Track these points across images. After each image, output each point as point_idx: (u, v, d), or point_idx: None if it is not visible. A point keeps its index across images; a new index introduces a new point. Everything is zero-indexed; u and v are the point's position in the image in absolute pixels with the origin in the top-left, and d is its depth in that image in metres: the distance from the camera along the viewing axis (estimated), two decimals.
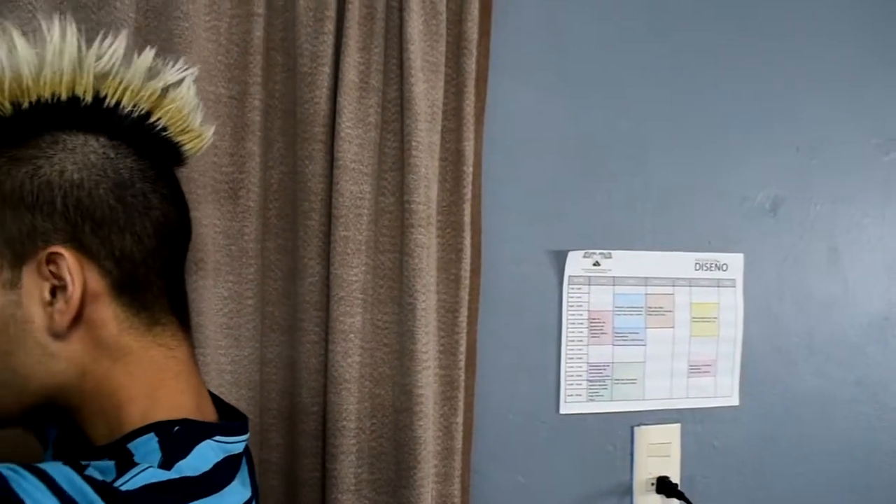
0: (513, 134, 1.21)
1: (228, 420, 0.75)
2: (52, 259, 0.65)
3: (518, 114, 1.22)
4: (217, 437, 0.69)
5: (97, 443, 0.69)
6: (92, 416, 0.69)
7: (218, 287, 1.05)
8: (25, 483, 0.57)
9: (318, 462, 1.08)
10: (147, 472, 0.61)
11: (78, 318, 0.66)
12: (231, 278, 1.06)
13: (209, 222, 1.04)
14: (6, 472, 0.58)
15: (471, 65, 1.12)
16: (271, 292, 1.08)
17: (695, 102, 1.34)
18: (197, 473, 0.65)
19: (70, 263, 0.65)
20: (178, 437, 0.66)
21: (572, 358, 1.25)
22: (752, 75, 1.37)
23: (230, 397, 1.04)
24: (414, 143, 1.07)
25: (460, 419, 1.12)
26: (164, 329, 0.71)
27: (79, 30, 0.71)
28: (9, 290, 0.66)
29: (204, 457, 0.67)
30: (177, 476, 0.63)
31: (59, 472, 0.59)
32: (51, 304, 0.66)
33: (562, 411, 1.25)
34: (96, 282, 0.67)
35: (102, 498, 0.58)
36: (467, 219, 1.12)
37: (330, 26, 1.06)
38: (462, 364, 1.12)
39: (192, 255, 1.01)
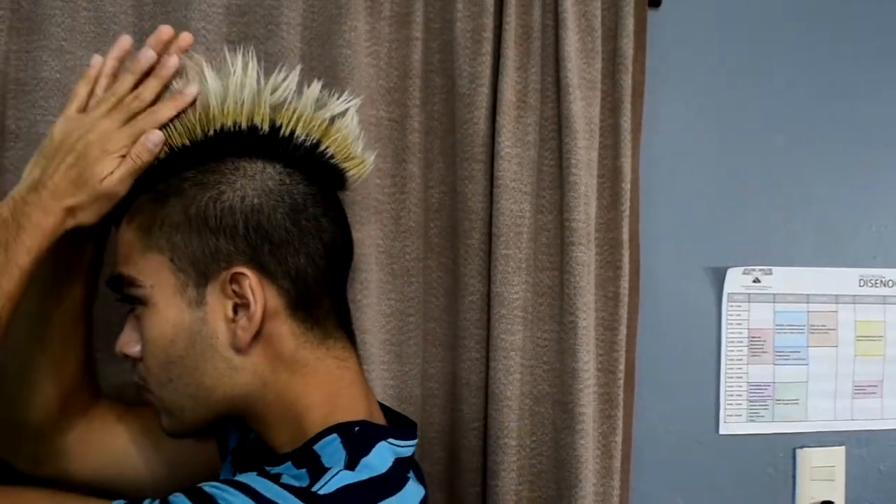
0: (669, 149, 1.19)
1: (398, 426, 0.77)
2: (235, 278, 0.70)
3: (674, 129, 1.20)
4: (390, 440, 0.72)
5: (280, 448, 0.73)
6: (275, 423, 0.73)
7: (381, 304, 1.08)
8: (231, 497, 0.61)
9: (478, 477, 1.09)
10: (340, 476, 0.65)
11: (258, 334, 0.71)
12: (394, 296, 1.09)
13: (372, 242, 1.07)
14: (212, 490, 0.62)
15: (627, 81, 1.12)
16: (433, 309, 1.10)
17: (854, 114, 1.29)
18: (379, 472, 0.69)
19: (252, 282, 0.70)
20: (359, 437, 0.70)
21: (732, 377, 1.22)
22: None
23: None
24: (573, 161, 1.07)
25: (619, 438, 1.11)
26: (336, 342, 0.75)
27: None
28: (195, 307, 0.71)
29: (382, 456, 0.70)
30: (366, 476, 0.67)
31: (259, 483, 0.63)
32: (234, 320, 0.71)
33: (721, 431, 1.22)
34: (274, 300, 0.71)
35: (303, 501, 0.61)
36: (625, 236, 1.11)
37: (487, 47, 1.07)
38: (621, 382, 1.11)
39: (356, 274, 1.03)
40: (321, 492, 0.63)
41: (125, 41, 0.81)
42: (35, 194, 0.71)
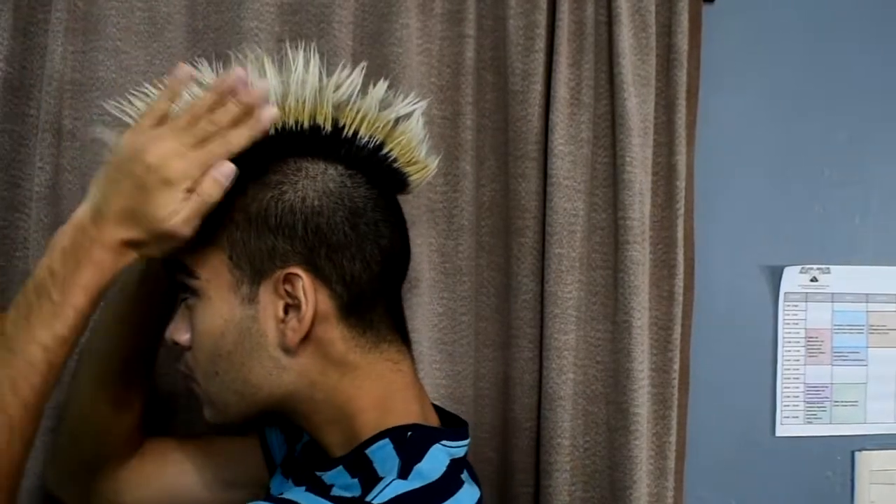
0: (724, 147, 1.17)
1: (449, 426, 0.77)
2: (288, 279, 0.69)
3: (730, 126, 1.18)
4: (444, 442, 0.71)
5: (332, 449, 0.72)
6: (325, 423, 0.73)
7: (433, 304, 1.07)
8: None
9: (530, 478, 1.08)
10: (393, 485, 0.64)
11: (307, 337, 0.70)
12: (445, 295, 1.08)
13: (424, 241, 1.07)
14: None
15: (682, 77, 1.10)
16: (485, 309, 1.10)
17: None
18: (433, 479, 0.68)
19: (305, 284, 0.69)
20: (412, 442, 0.69)
21: (788, 378, 1.20)
22: None
23: None
24: (627, 159, 1.05)
25: (673, 439, 1.10)
26: (390, 346, 0.74)
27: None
28: (247, 304, 0.70)
29: (436, 460, 0.70)
30: (419, 485, 0.66)
31: (308, 499, 0.62)
32: (284, 321, 0.70)
33: (778, 433, 1.20)
34: (326, 304, 0.70)
35: None
36: (680, 234, 1.09)
37: (541, 44, 1.06)
38: (675, 382, 1.09)
39: (408, 273, 1.03)
40: (375, 501, 0.62)
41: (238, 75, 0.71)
42: (94, 227, 0.66)
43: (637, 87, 1.08)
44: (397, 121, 0.78)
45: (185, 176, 0.66)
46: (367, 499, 0.62)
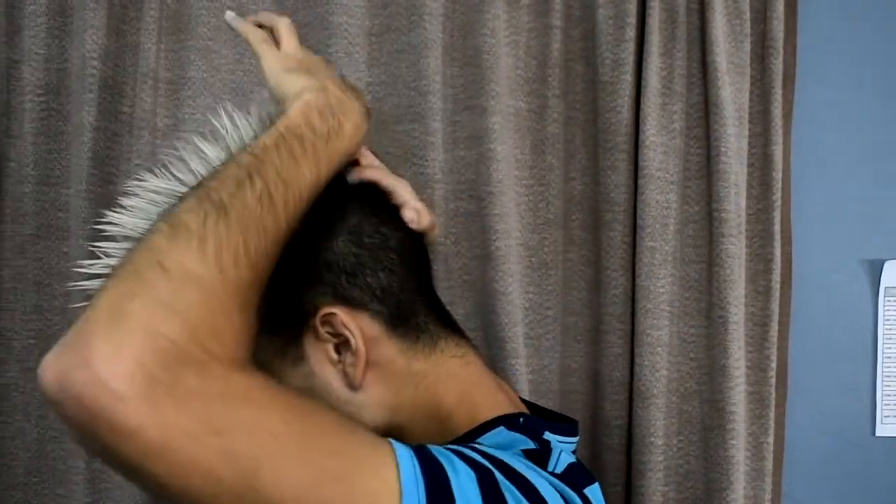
0: (822, 136, 1.13)
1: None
2: (325, 320, 0.66)
3: (827, 115, 1.14)
4: (548, 433, 0.69)
5: None
6: (422, 439, 0.70)
7: (519, 298, 1.06)
8: (524, 470, 0.59)
9: (621, 477, 1.06)
10: (563, 456, 0.64)
11: (367, 365, 0.67)
12: (532, 289, 1.07)
13: (511, 234, 1.05)
14: (495, 454, 0.59)
15: (777, 65, 1.06)
16: (573, 303, 1.08)
17: None
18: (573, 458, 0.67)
19: (343, 318, 0.66)
20: (526, 427, 0.67)
21: (889, 376, 1.15)
22: None
23: None
24: (722, 150, 1.02)
25: (771, 439, 1.06)
26: (447, 342, 0.72)
27: (390, 52, 0.73)
28: (299, 365, 0.68)
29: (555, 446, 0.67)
30: (574, 459, 0.65)
31: (508, 456, 0.60)
32: (339, 361, 0.67)
33: (878, 433, 1.15)
34: (370, 326, 0.68)
35: (559, 480, 0.59)
36: (777, 227, 1.06)
37: (631, 33, 1.04)
38: (773, 381, 1.06)
39: (496, 265, 1.02)
40: (557, 470, 0.61)
41: None
42: (351, 101, 0.70)
43: (731, 75, 1.05)
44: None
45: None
46: (549, 469, 0.61)
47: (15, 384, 1.03)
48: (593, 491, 0.64)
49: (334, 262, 0.67)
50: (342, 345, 0.67)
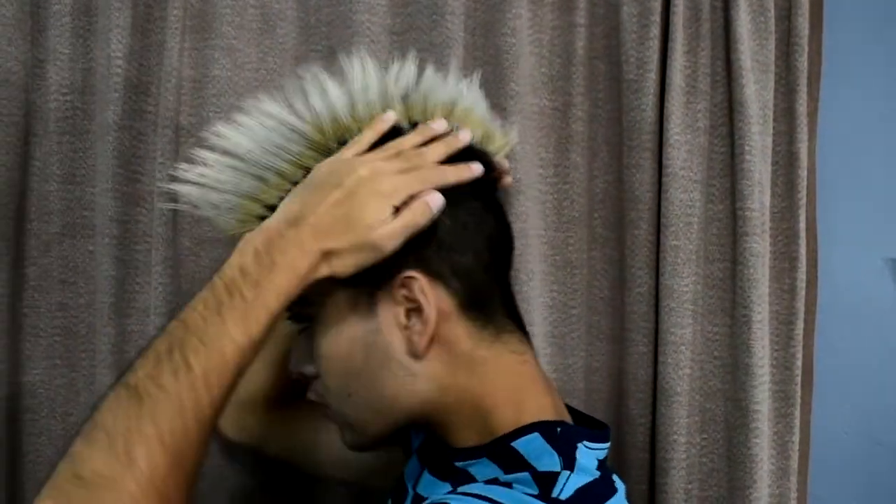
0: (847, 134, 1.13)
1: (582, 425, 0.74)
2: (405, 283, 0.67)
3: (852, 112, 1.13)
4: (586, 443, 0.69)
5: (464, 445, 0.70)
6: (458, 427, 0.71)
7: (543, 296, 1.06)
8: None
9: (644, 474, 1.06)
10: (572, 479, 0.63)
11: (433, 338, 0.68)
12: (556, 288, 1.07)
13: (535, 233, 1.05)
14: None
15: (802, 62, 1.06)
16: (597, 302, 1.08)
17: None
18: (595, 475, 0.66)
19: (423, 285, 0.67)
20: (563, 438, 0.67)
21: None
22: None
23: None
24: (746, 148, 1.02)
25: (796, 438, 1.06)
26: (511, 336, 0.72)
27: (412, 50, 0.73)
28: (367, 319, 0.68)
29: (588, 458, 0.67)
30: (592, 478, 0.64)
31: (501, 493, 0.61)
32: (407, 327, 0.68)
33: None
34: (445, 301, 0.68)
35: None
36: (802, 225, 1.05)
37: (655, 31, 1.04)
38: (798, 380, 1.05)
39: (518, 265, 1.02)
40: (562, 496, 0.61)
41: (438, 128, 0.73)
42: (294, 230, 0.64)
43: (756, 73, 1.04)
44: (462, 101, 0.76)
45: (395, 192, 0.66)
46: (553, 495, 0.61)
47: (41, 381, 1.03)
48: None
49: (429, 229, 0.68)
50: (413, 311, 0.67)
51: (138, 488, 0.56)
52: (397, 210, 0.66)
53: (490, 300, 0.71)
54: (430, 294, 0.67)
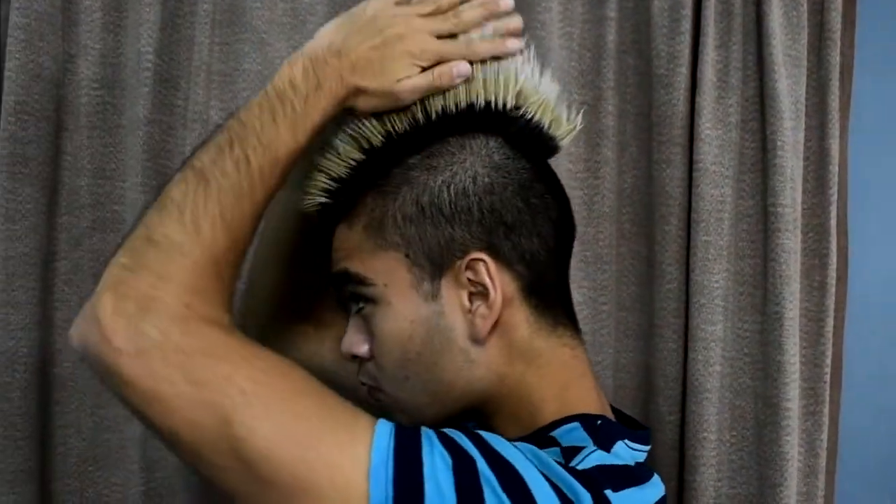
0: (879, 130, 1.11)
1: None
2: (471, 266, 0.67)
3: (885, 107, 1.12)
4: (626, 441, 0.69)
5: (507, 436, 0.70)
6: (506, 419, 0.70)
7: (573, 292, 1.05)
8: (507, 449, 0.59)
9: (674, 472, 1.05)
10: (595, 454, 0.63)
11: (495, 324, 0.68)
12: (586, 284, 1.07)
13: None
14: (489, 437, 0.60)
15: (835, 57, 1.05)
16: (626, 298, 1.08)
17: None
18: (629, 463, 0.66)
19: (490, 268, 0.67)
20: (601, 430, 0.66)
21: None
22: None
23: None
24: (778, 143, 1.01)
25: (825, 436, 1.05)
26: (566, 329, 0.72)
27: None
28: (430, 301, 0.68)
29: (625, 452, 0.67)
30: (618, 462, 0.64)
31: (526, 447, 0.61)
32: (471, 310, 0.67)
33: None
34: (509, 286, 0.68)
35: (568, 473, 0.58)
36: (833, 222, 1.05)
37: (686, 25, 1.03)
38: (827, 377, 1.05)
39: None
40: (579, 467, 0.61)
41: None
42: (337, 59, 0.69)
43: (788, 67, 1.04)
44: (536, 85, 0.75)
45: (424, 54, 0.70)
46: (571, 464, 0.61)
47: (71, 374, 1.04)
48: (628, 495, 0.63)
49: (499, 210, 0.68)
50: (477, 295, 0.67)
51: (202, 255, 0.63)
52: (424, 69, 0.70)
53: (550, 288, 0.71)
54: (496, 278, 0.67)
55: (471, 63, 0.70)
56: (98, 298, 0.61)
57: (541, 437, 0.66)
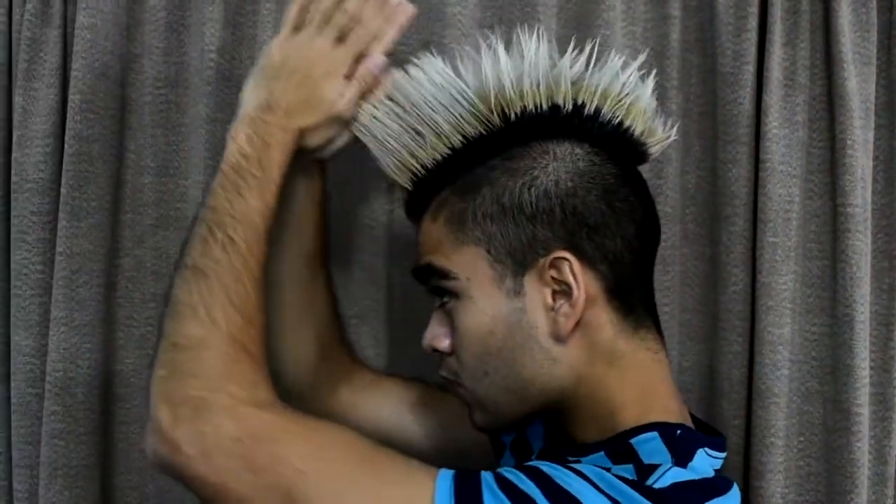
0: None
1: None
2: (554, 264, 0.67)
3: None
4: (706, 449, 0.68)
5: (583, 441, 0.69)
6: (583, 420, 0.70)
7: None
8: (572, 481, 0.58)
9: (739, 477, 1.02)
10: (672, 471, 0.62)
11: (577, 323, 0.68)
12: None
13: None
14: (550, 471, 0.59)
15: None
16: (689, 300, 1.06)
17: None
18: (708, 475, 0.65)
19: (574, 267, 0.67)
20: (681, 440, 0.66)
21: None
22: None
23: None
24: (848, 142, 0.99)
25: (894, 443, 1.02)
26: (648, 332, 0.71)
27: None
28: (513, 298, 0.69)
29: (704, 463, 0.66)
30: (697, 477, 0.63)
31: (594, 472, 0.60)
32: (554, 308, 0.68)
33: None
34: (592, 286, 0.68)
35: (642, 495, 0.58)
36: None
37: (752, 23, 1.01)
38: None
39: None
40: (656, 486, 0.60)
41: None
42: (271, 114, 0.73)
43: (857, 65, 1.01)
44: (632, 93, 0.75)
45: (340, 65, 0.76)
46: (647, 483, 0.60)
47: (133, 370, 1.05)
48: None
49: (581, 213, 0.69)
50: (560, 293, 0.68)
51: (223, 342, 0.66)
52: (349, 77, 0.76)
53: (634, 289, 0.71)
54: (580, 277, 0.67)
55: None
56: (155, 414, 0.65)
57: (619, 444, 0.66)
